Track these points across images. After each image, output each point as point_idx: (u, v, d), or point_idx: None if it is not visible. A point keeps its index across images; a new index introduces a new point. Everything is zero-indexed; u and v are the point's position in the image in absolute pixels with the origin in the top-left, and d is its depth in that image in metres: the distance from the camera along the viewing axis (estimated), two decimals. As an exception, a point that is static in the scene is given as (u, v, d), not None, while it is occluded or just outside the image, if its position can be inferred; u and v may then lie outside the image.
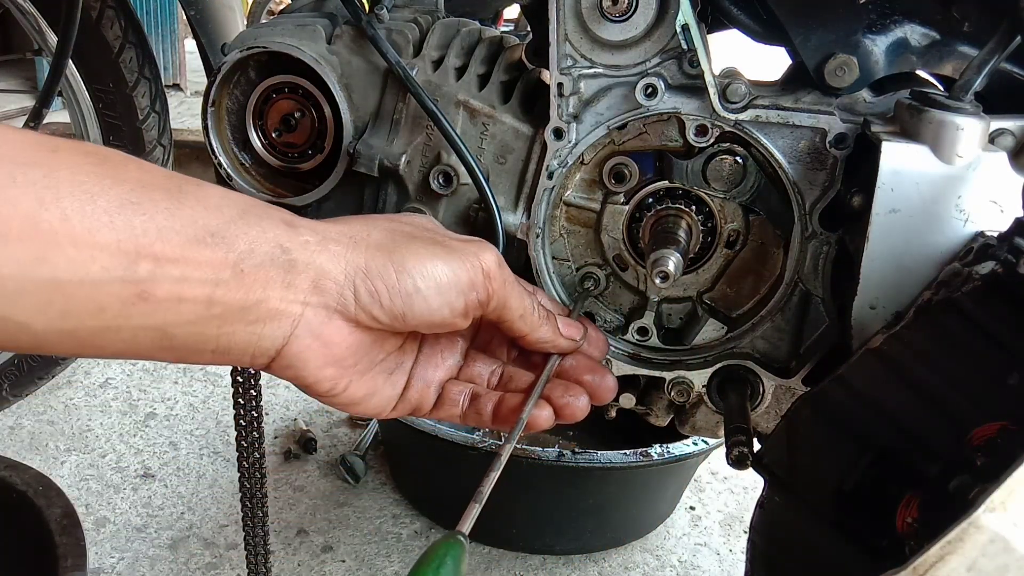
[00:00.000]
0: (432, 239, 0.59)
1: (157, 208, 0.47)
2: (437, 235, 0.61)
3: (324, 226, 0.56)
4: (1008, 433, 0.55)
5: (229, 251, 0.50)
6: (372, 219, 0.60)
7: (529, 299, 0.64)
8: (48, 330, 0.46)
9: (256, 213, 0.52)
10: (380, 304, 0.55)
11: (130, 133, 1.79)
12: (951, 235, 0.66)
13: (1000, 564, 0.45)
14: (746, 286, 0.84)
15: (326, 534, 1.64)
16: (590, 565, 1.63)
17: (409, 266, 0.55)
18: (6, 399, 1.92)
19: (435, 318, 0.57)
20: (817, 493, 0.66)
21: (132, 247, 0.46)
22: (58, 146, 0.46)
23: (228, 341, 0.52)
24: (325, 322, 0.54)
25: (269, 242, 0.52)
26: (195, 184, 0.51)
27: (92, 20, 1.64)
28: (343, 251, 0.54)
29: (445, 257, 0.57)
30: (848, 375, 0.64)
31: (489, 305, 0.60)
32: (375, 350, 0.60)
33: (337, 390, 0.57)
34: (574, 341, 0.69)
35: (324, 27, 0.84)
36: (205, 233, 0.49)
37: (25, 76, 4.52)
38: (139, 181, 0.48)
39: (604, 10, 0.74)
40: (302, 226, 0.54)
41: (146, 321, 0.48)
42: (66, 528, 0.97)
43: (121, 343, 0.49)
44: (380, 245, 0.56)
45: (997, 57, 0.64)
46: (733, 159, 0.79)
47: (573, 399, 0.65)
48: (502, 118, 0.81)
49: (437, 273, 0.56)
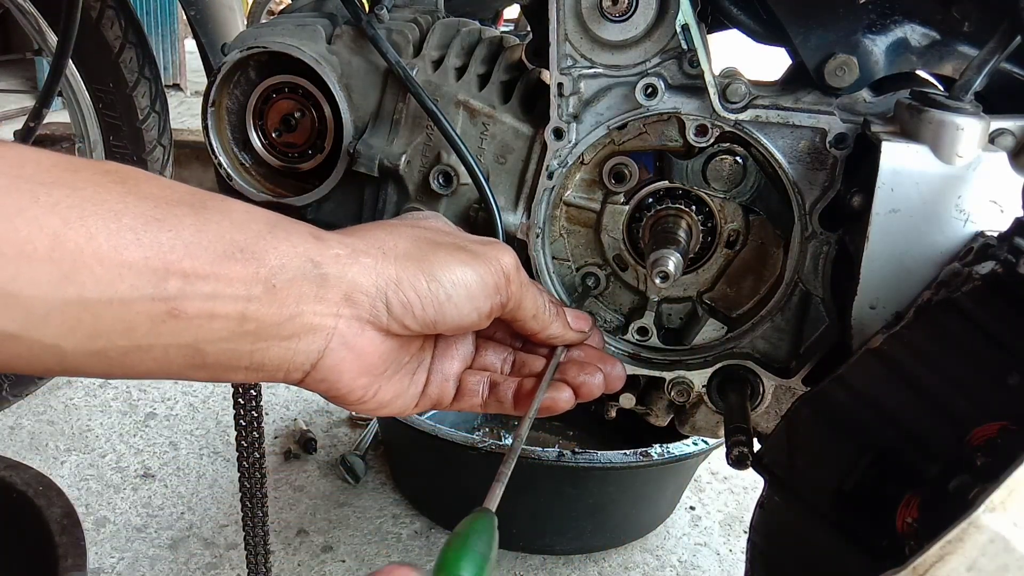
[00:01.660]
0: (455, 244, 0.60)
1: (183, 224, 0.47)
2: (458, 240, 0.62)
3: (352, 239, 0.56)
4: (1008, 433, 0.55)
5: (260, 266, 0.49)
6: (395, 227, 0.60)
7: (541, 298, 0.65)
8: (77, 351, 0.45)
9: (284, 227, 0.52)
10: (413, 314, 0.55)
11: (130, 133, 1.79)
12: (951, 235, 0.66)
13: (1000, 564, 0.45)
14: (746, 286, 0.84)
15: (326, 534, 1.64)
16: (590, 565, 1.63)
17: (439, 275, 0.56)
18: (6, 399, 1.92)
19: (465, 323, 0.58)
20: (817, 493, 0.66)
21: (160, 264, 0.45)
22: (79, 166, 0.46)
23: (262, 357, 0.51)
24: (358, 334, 0.54)
25: (300, 256, 0.51)
26: (218, 199, 0.51)
27: (92, 20, 1.64)
28: (373, 263, 0.54)
29: (472, 263, 0.58)
30: (848, 375, 0.64)
31: (507, 307, 0.62)
32: (402, 354, 0.60)
33: (367, 397, 0.58)
34: (583, 333, 0.70)
35: (324, 27, 0.84)
36: (234, 248, 0.48)
37: (25, 76, 4.52)
38: (162, 198, 0.47)
39: (604, 10, 0.74)
40: (331, 239, 0.54)
41: (177, 339, 0.48)
42: (66, 528, 0.97)
43: (152, 362, 0.48)
44: (408, 255, 0.56)
45: (997, 57, 0.64)
46: (733, 159, 0.79)
47: (589, 377, 0.66)
48: (502, 118, 0.81)
49: (467, 280, 0.57)
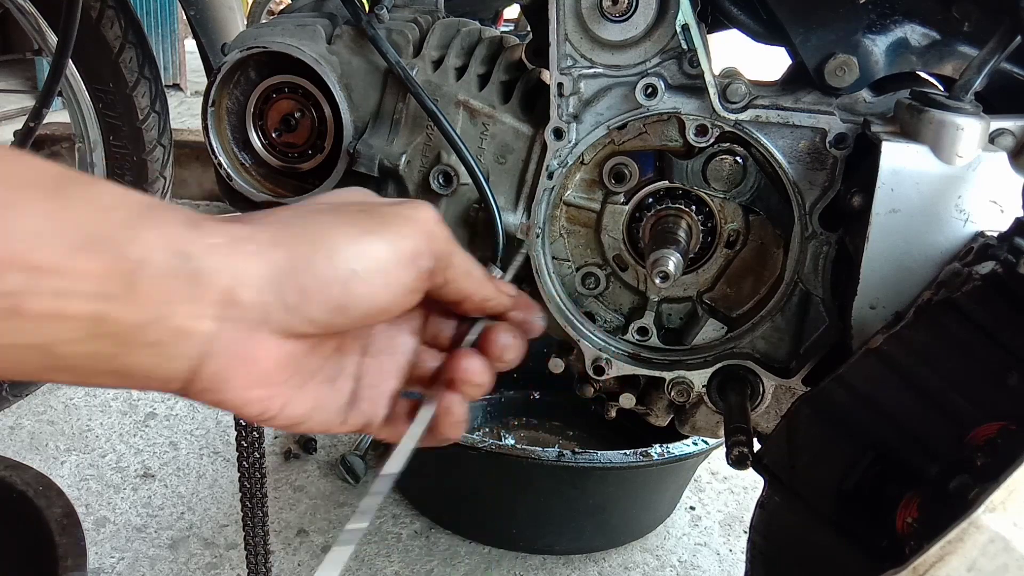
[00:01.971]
0: (360, 211, 0.51)
1: (33, 210, 0.40)
2: (365, 204, 0.53)
3: (236, 225, 0.47)
4: (1008, 433, 0.55)
5: (119, 260, 0.42)
6: (293, 208, 0.52)
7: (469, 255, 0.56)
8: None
9: (154, 214, 0.44)
10: (314, 302, 0.47)
11: (130, 133, 1.79)
12: (951, 235, 0.66)
13: (1000, 564, 0.45)
14: (746, 286, 0.84)
15: (326, 534, 1.64)
16: (590, 565, 1.63)
17: (340, 248, 0.47)
18: (6, 399, 1.92)
19: (382, 303, 0.49)
20: (817, 493, 0.65)
21: (3, 254, 0.39)
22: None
23: (126, 363, 0.44)
24: (245, 338, 0.46)
25: (167, 248, 0.43)
26: (85, 182, 0.43)
27: (92, 20, 1.64)
28: (257, 249, 0.46)
29: (378, 229, 0.49)
30: (848, 375, 0.64)
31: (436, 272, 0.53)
32: (310, 358, 0.51)
33: (272, 411, 0.50)
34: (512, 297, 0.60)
35: (324, 27, 0.84)
36: (91, 239, 0.41)
37: (25, 76, 4.52)
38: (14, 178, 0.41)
39: (604, 10, 0.74)
40: (209, 226, 0.46)
41: (23, 339, 0.42)
42: (66, 528, 0.97)
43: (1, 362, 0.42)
44: (300, 234, 0.48)
45: (997, 57, 0.64)
46: (733, 159, 0.79)
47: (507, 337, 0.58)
48: (502, 118, 0.81)
49: (375, 250, 0.49)
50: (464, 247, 0.80)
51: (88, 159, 1.81)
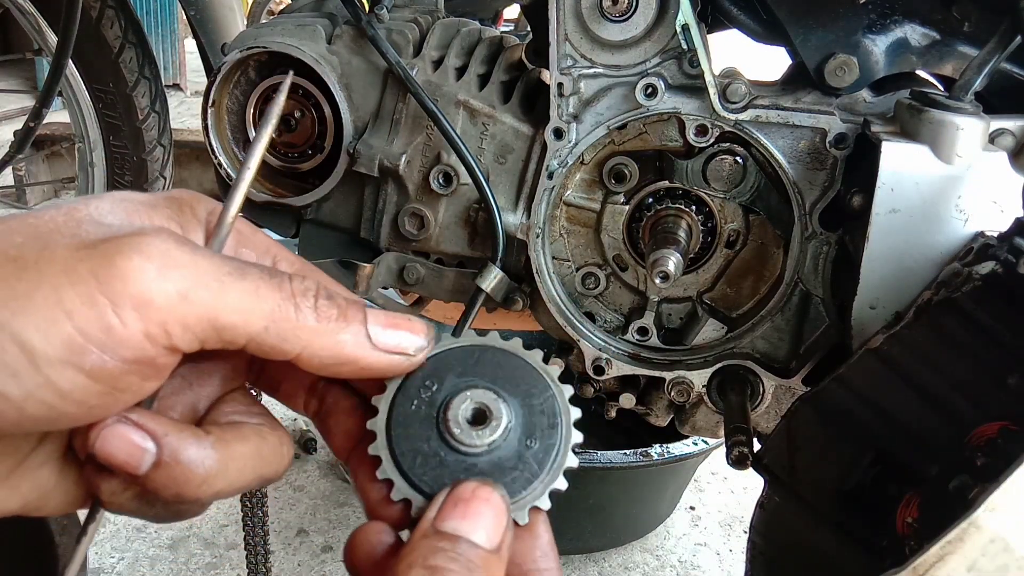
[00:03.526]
0: (11, 259, 0.32)
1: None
2: (33, 244, 0.33)
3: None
4: (1008, 433, 0.55)
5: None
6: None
7: (277, 290, 0.36)
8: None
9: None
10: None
11: (130, 133, 1.79)
12: (951, 235, 0.66)
13: (1000, 564, 0.45)
14: (746, 286, 0.84)
15: (326, 534, 1.64)
16: (590, 565, 1.63)
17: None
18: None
19: (35, 411, 0.32)
20: (817, 493, 0.65)
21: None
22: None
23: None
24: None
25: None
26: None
27: (92, 20, 1.64)
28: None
29: (40, 288, 0.31)
30: (848, 375, 0.64)
31: (168, 347, 0.34)
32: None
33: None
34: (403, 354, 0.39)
35: (324, 27, 0.84)
36: None
37: (25, 76, 4.52)
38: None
39: (604, 10, 0.74)
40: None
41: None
42: (66, 528, 0.97)
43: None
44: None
45: (997, 57, 0.64)
46: (733, 159, 0.79)
47: None
48: (502, 118, 0.81)
49: (20, 329, 0.31)
50: (464, 247, 0.78)
51: (88, 159, 1.81)
